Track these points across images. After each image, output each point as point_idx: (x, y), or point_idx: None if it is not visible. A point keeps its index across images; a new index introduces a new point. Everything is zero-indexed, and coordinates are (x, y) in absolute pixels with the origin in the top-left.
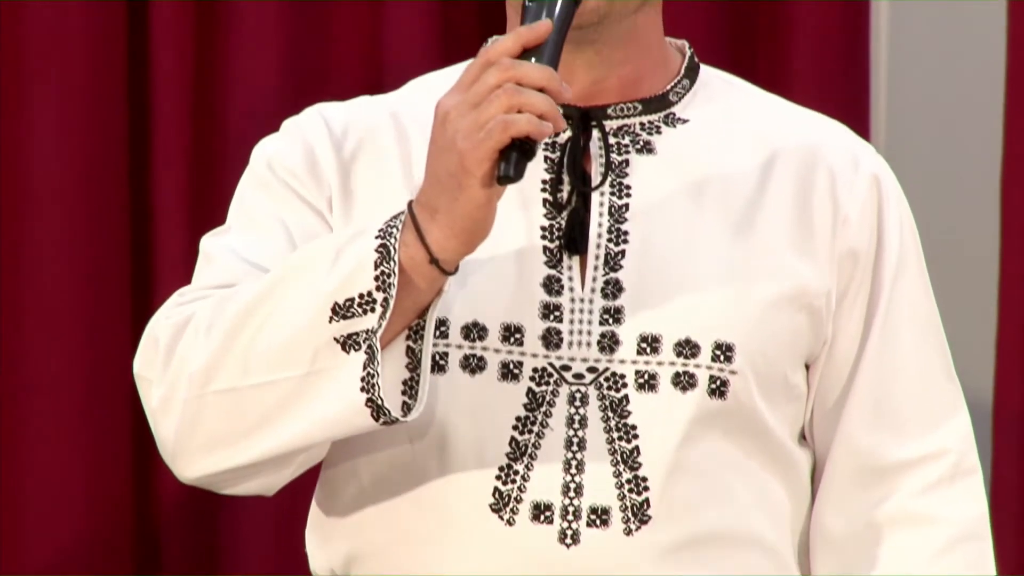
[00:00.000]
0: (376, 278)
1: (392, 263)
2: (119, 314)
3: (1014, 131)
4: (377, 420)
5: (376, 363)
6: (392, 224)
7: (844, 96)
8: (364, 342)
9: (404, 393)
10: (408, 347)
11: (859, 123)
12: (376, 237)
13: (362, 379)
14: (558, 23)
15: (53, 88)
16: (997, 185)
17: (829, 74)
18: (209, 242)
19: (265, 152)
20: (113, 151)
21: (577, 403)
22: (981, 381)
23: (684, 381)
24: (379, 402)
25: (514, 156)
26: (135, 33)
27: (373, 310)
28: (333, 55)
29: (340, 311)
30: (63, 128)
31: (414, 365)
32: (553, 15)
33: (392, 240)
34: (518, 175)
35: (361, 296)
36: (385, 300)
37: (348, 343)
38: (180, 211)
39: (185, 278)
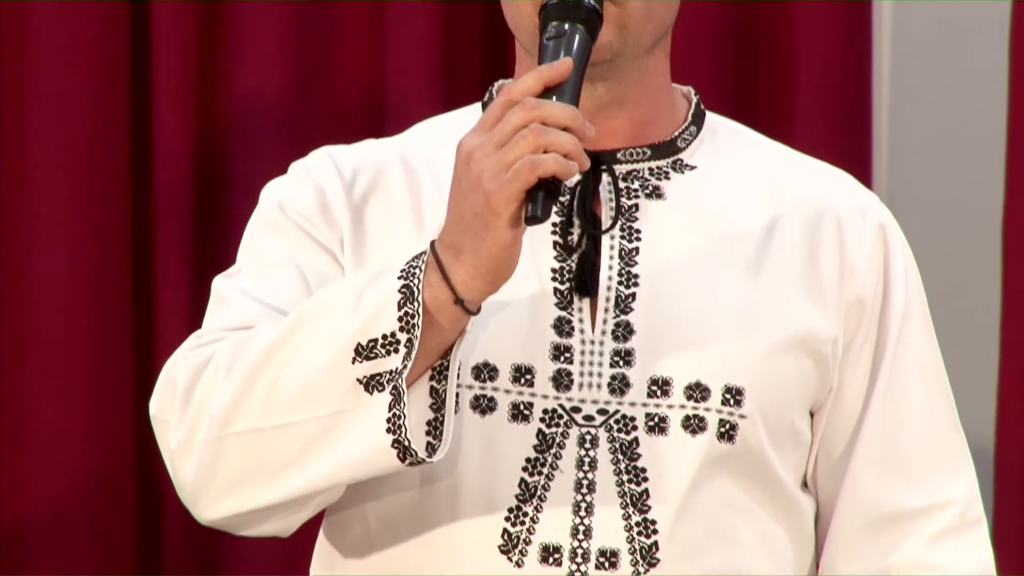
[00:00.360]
0: (400, 319)
1: (416, 303)
2: (119, 319)
3: (1015, 181)
4: (403, 461)
5: (402, 404)
6: (415, 264)
7: (846, 146)
8: (388, 383)
9: (428, 433)
10: (432, 387)
11: (861, 172)
12: (399, 277)
13: (388, 420)
14: (577, 61)
15: (56, 88)
16: (999, 233)
17: (832, 122)
18: (221, 284)
19: (275, 195)
20: (115, 152)
21: (587, 445)
22: (982, 429)
23: (694, 424)
24: (406, 443)
25: (541, 196)
26: (137, 34)
27: (397, 351)
28: (335, 55)
29: (363, 352)
30: (65, 125)
31: (438, 405)
32: (572, 53)
33: (416, 280)
34: (545, 215)
35: (385, 337)
36: (409, 341)
37: (372, 384)
38: (183, 210)
39: (185, 276)
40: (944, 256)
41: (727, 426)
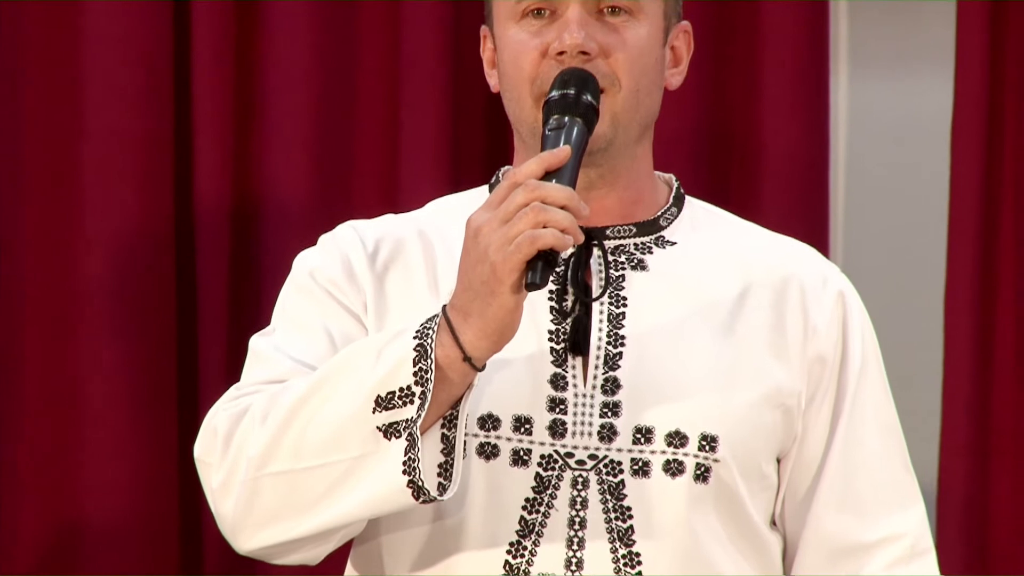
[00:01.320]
0: (415, 374)
1: (429, 361)
2: (165, 325)
3: (955, 257)
4: (417, 499)
5: (417, 449)
6: (428, 326)
7: (807, 223)
8: (405, 430)
9: (440, 475)
10: (443, 434)
11: (819, 245)
12: (414, 337)
13: (404, 463)
14: (575, 148)
15: (107, 88)
16: (942, 298)
17: (794, 203)
18: (257, 342)
19: (307, 264)
20: (160, 151)
21: (579, 486)
22: (927, 470)
23: (674, 468)
24: (420, 483)
25: (540, 266)
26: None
27: (412, 402)
28: (358, 54)
29: (383, 403)
30: (114, 120)
31: (448, 450)
32: (571, 141)
33: (429, 340)
34: (544, 282)
35: (401, 390)
36: (423, 393)
37: (390, 431)
38: (222, 214)
39: (223, 273)
40: (893, 318)
41: (703, 469)
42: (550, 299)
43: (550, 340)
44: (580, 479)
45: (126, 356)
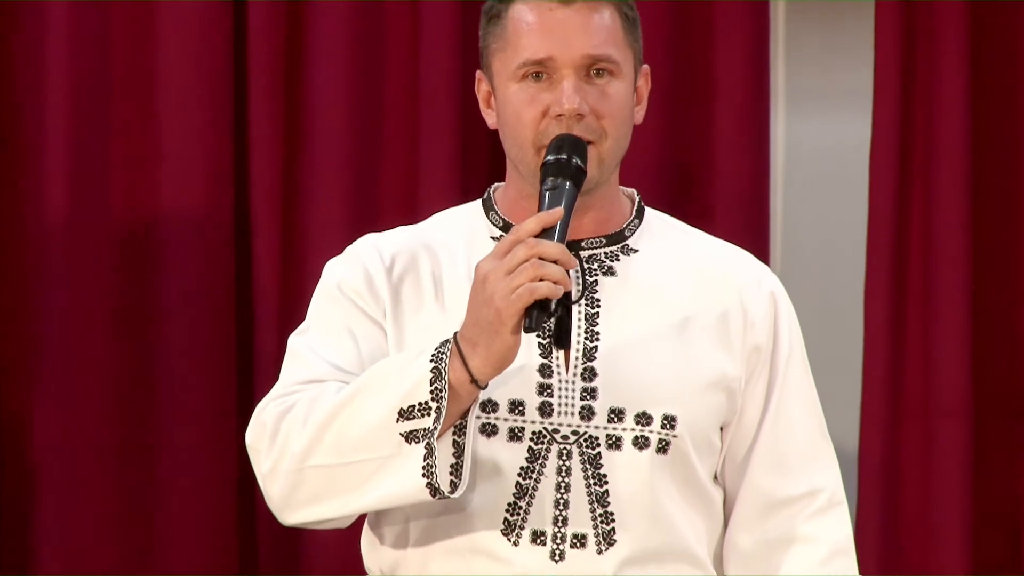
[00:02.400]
0: (431, 392)
1: (443, 381)
2: (227, 354)
3: (873, 258)
4: (433, 496)
5: (434, 456)
6: (442, 351)
7: (752, 234)
8: (423, 438)
9: (451, 474)
10: (454, 440)
11: (761, 251)
12: (431, 360)
13: (423, 468)
14: (567, 208)
15: (177, 84)
16: (861, 295)
17: (741, 216)
18: (294, 341)
19: (334, 275)
20: (221, 147)
21: (564, 457)
22: (849, 435)
23: (641, 442)
24: (436, 485)
25: (535, 313)
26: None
27: (429, 414)
28: (387, 50)
29: (405, 414)
30: (187, 115)
31: (459, 454)
32: (562, 203)
33: (443, 364)
34: (538, 327)
35: (420, 404)
36: (438, 408)
37: (411, 437)
38: (274, 207)
39: (275, 257)
40: (822, 312)
41: (664, 443)
42: None
43: (538, 336)
44: (565, 451)
45: (192, 336)
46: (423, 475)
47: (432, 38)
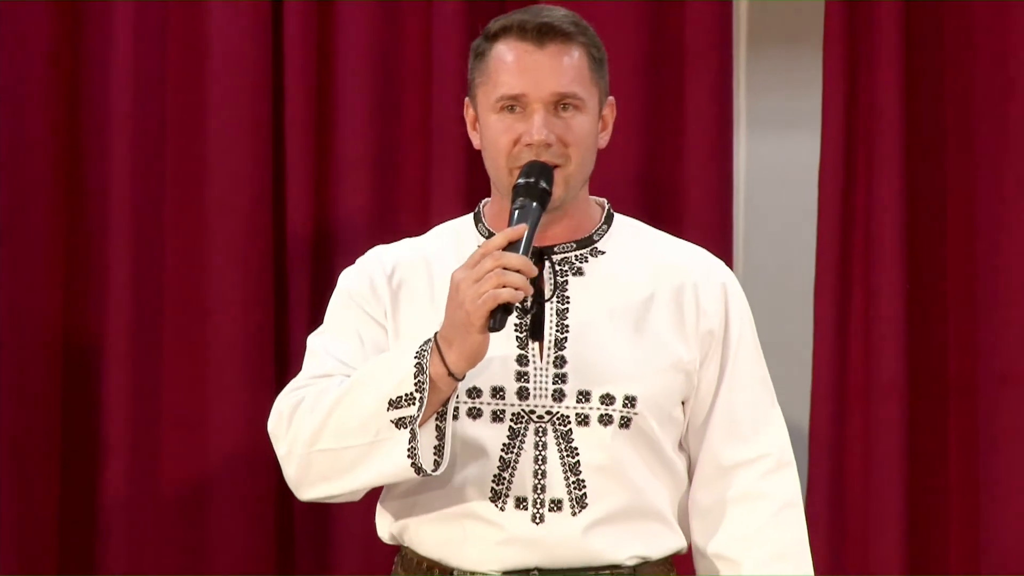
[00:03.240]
0: (415, 384)
1: (425, 375)
2: (266, 345)
3: (822, 264)
4: (418, 474)
5: (417, 440)
6: (424, 349)
7: (717, 238)
8: (408, 425)
9: (435, 454)
10: (437, 425)
11: (724, 251)
12: (414, 357)
13: (408, 450)
14: (531, 224)
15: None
16: (812, 285)
17: (708, 221)
18: (313, 341)
19: (347, 284)
20: (261, 147)
21: (540, 434)
22: (801, 411)
23: (605, 419)
24: (419, 464)
25: (499, 315)
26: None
27: (414, 403)
28: (405, 49)
29: (394, 403)
30: (233, 112)
31: (440, 436)
32: (527, 220)
33: (424, 361)
34: (500, 327)
35: (406, 395)
36: (421, 398)
37: (399, 423)
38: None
39: (307, 268)
40: (779, 306)
41: (625, 420)
42: (515, 309)
43: (515, 330)
44: (540, 429)
45: (239, 332)
46: (408, 456)
47: (442, 68)
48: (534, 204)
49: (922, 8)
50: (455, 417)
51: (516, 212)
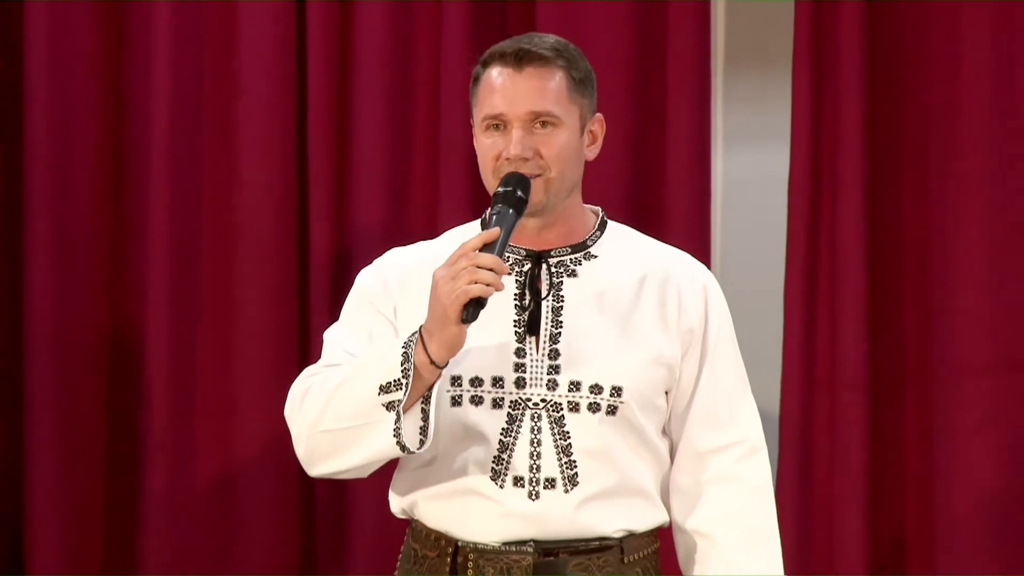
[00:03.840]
0: (402, 372)
1: (410, 364)
2: (290, 333)
3: (791, 268)
4: (402, 452)
5: (400, 421)
6: (410, 340)
7: (697, 243)
8: (395, 408)
9: (420, 434)
10: (422, 408)
11: (703, 253)
12: (401, 348)
13: (394, 430)
14: (506, 228)
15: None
16: (782, 287)
17: (689, 228)
18: (329, 334)
19: (362, 283)
20: (287, 144)
21: (535, 419)
22: (773, 399)
23: (594, 407)
24: (403, 443)
25: (471, 308)
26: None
27: (400, 388)
28: (416, 74)
29: (384, 389)
30: (263, 110)
31: (425, 418)
32: (502, 225)
33: (410, 350)
34: (474, 319)
35: (394, 381)
36: (406, 384)
37: (388, 406)
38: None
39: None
40: (753, 305)
41: (612, 407)
42: (514, 299)
43: (514, 326)
44: (536, 415)
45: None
46: (393, 435)
47: (449, 91)
48: (510, 211)
49: (881, 34)
50: (459, 404)
51: (493, 217)
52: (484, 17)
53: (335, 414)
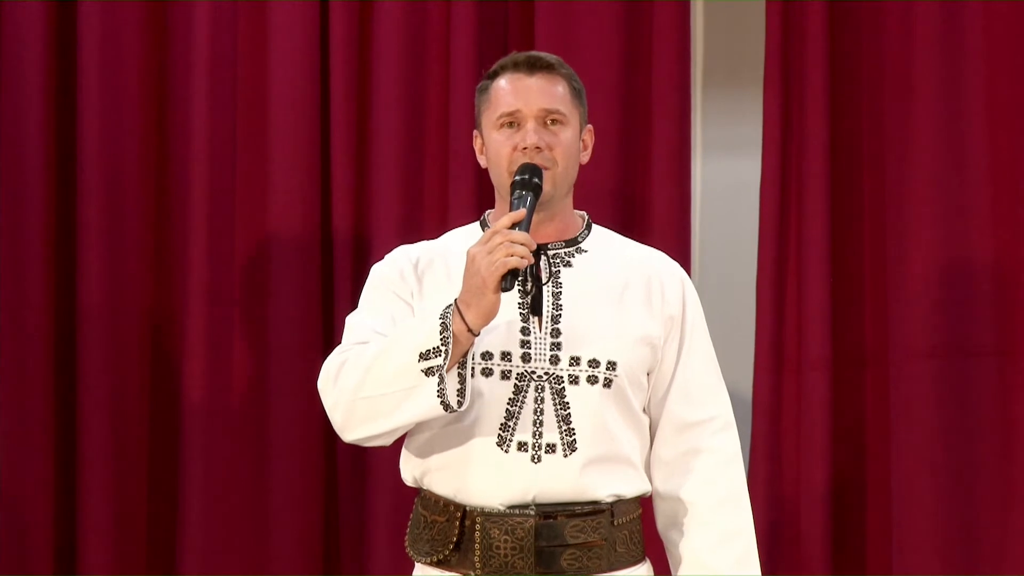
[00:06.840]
0: (441, 339)
1: (448, 332)
2: (313, 325)
3: (763, 265)
4: (446, 411)
5: (444, 383)
6: (447, 311)
7: (678, 247)
8: (437, 372)
9: (458, 395)
10: (459, 372)
11: (683, 255)
12: (439, 318)
13: (437, 392)
14: (530, 209)
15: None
16: (754, 285)
17: (669, 233)
18: (351, 318)
19: (379, 272)
20: (309, 139)
21: (539, 391)
22: (746, 382)
23: (592, 380)
24: (447, 403)
25: (508, 278)
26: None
27: (440, 355)
28: (428, 90)
29: (424, 356)
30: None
31: (463, 381)
32: (526, 206)
33: (448, 320)
34: (511, 287)
35: (433, 348)
36: (447, 351)
37: (429, 372)
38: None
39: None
40: (728, 299)
41: (608, 380)
42: (518, 286)
43: (520, 308)
44: (539, 387)
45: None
46: (438, 396)
47: (458, 106)
48: (530, 196)
49: (844, 56)
50: (471, 376)
51: (515, 201)
52: (489, 53)
53: (375, 381)
